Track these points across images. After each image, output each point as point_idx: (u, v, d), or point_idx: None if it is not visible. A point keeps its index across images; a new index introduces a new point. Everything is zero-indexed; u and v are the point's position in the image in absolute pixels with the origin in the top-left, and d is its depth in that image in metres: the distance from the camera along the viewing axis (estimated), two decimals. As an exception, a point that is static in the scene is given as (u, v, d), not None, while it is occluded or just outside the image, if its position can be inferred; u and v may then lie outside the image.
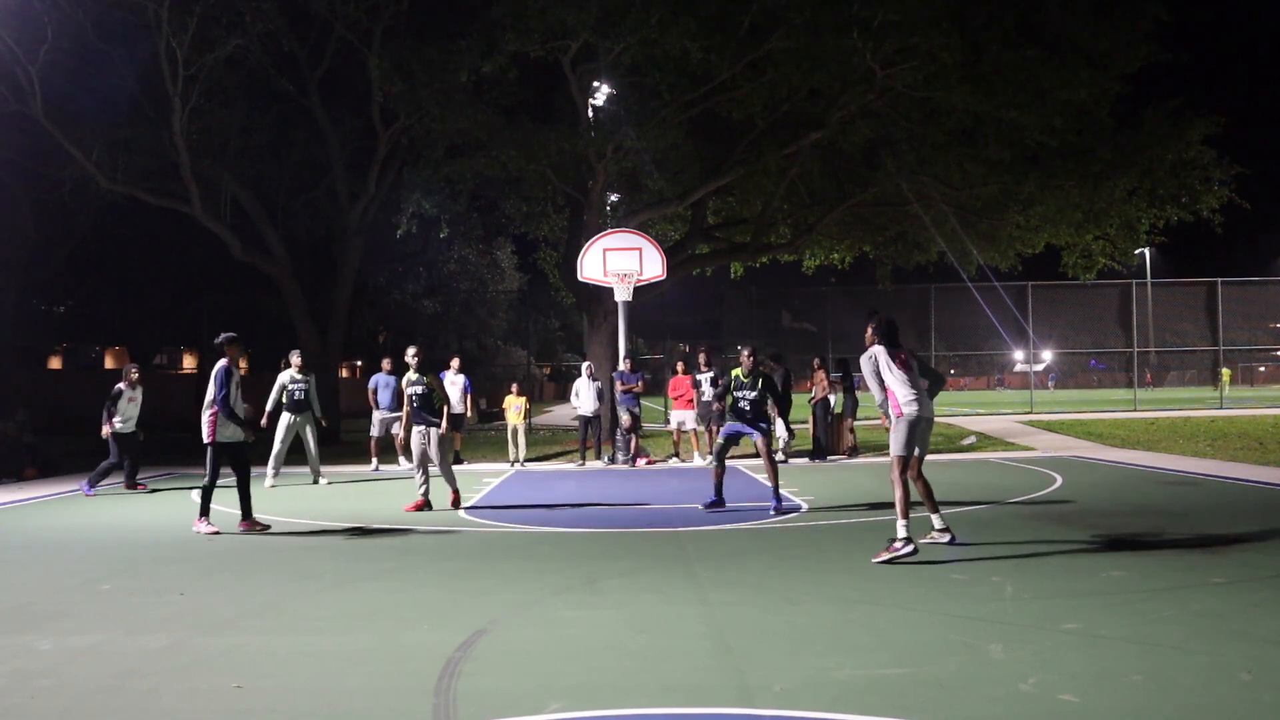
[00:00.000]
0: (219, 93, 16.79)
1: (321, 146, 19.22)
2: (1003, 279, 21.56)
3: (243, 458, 8.05)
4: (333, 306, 20.06)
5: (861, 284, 24.17)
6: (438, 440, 9.16)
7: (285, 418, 11.82)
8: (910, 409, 6.46)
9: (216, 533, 7.86)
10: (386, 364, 13.94)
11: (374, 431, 13.88)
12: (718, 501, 8.90)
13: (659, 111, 14.89)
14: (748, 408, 8.86)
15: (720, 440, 9.06)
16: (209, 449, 7.95)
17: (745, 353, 9.00)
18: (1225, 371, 40.56)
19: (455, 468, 13.90)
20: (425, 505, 9.22)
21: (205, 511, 7.98)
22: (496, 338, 44.70)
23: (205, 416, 7.91)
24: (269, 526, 8.17)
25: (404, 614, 5.11)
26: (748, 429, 8.87)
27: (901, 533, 6.21)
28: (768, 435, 8.90)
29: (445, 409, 9.25)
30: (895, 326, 6.74)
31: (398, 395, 13.25)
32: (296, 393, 11.85)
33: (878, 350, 6.59)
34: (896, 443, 6.52)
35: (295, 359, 12.12)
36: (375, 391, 13.82)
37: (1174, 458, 13.46)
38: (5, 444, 13.03)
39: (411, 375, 9.25)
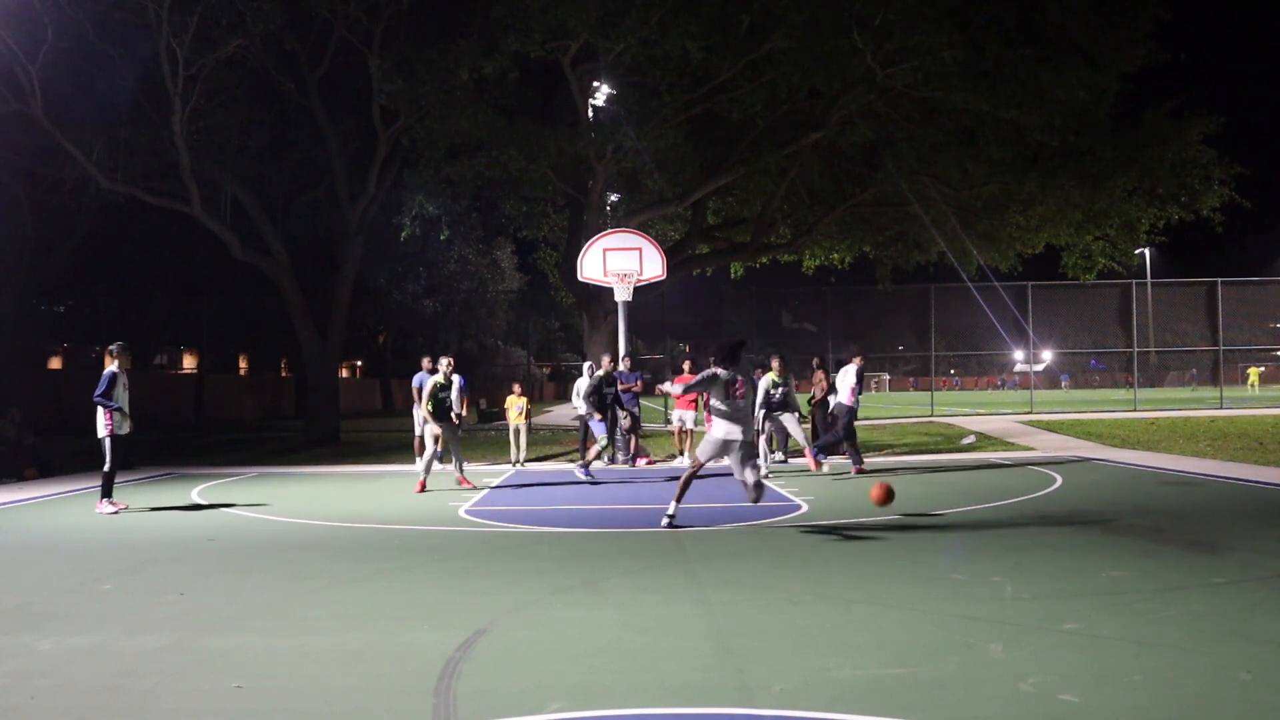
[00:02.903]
0: (219, 93, 16.78)
1: (321, 146, 19.21)
2: (1003, 279, 21.57)
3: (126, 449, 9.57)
4: (333, 306, 20.05)
5: (861, 284, 24.19)
6: (450, 432, 11.30)
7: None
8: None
9: (116, 511, 9.15)
10: (426, 362, 13.94)
11: (418, 430, 13.80)
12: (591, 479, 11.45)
13: (659, 111, 14.89)
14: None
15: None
16: (107, 440, 9.24)
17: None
18: (1254, 370, 40.43)
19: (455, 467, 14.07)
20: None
21: (106, 494, 9.28)
22: (496, 338, 44.73)
23: (100, 414, 9.23)
24: (127, 506, 9.53)
25: (404, 614, 5.11)
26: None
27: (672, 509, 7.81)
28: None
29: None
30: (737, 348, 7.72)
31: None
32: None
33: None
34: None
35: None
36: (420, 390, 13.77)
37: (1174, 458, 13.45)
38: (5, 444, 13.02)
39: (441, 380, 11.23)
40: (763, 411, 12.34)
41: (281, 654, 4.38)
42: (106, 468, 9.27)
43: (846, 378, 12.25)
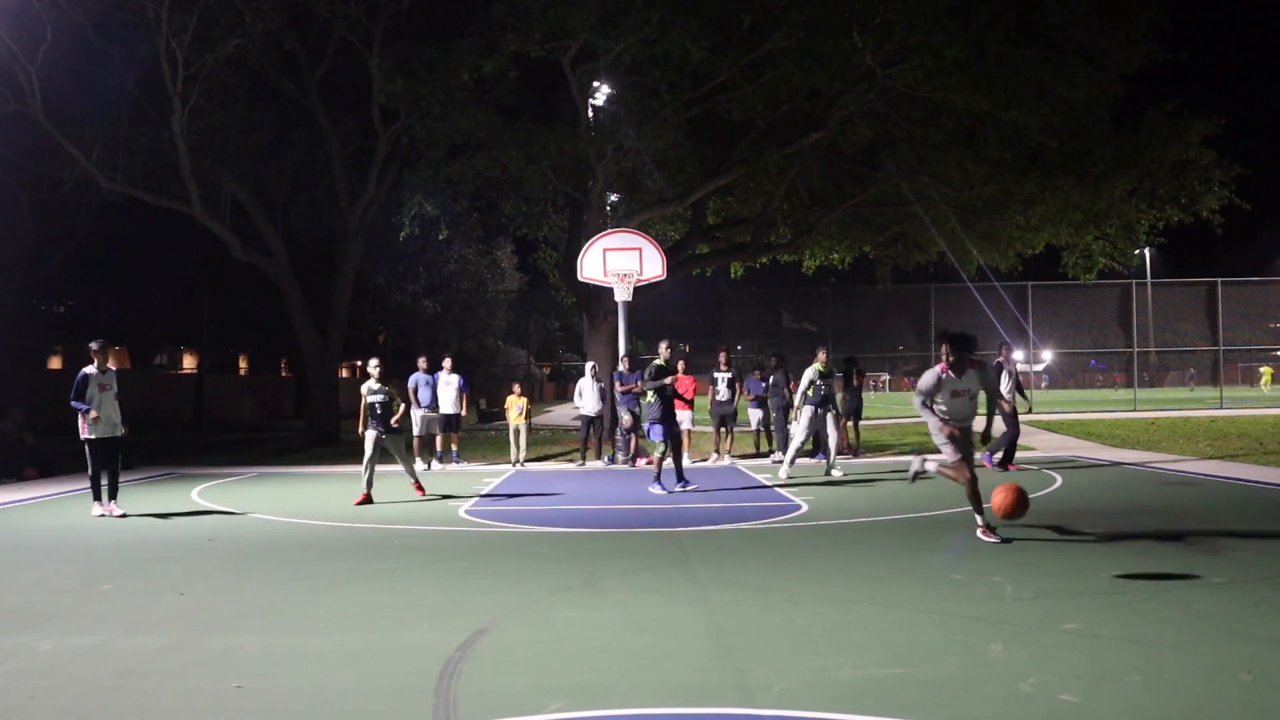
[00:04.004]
0: (219, 93, 16.77)
1: (321, 146, 19.21)
2: (1003, 279, 21.56)
3: (113, 452, 9.16)
4: (333, 306, 20.06)
5: (861, 284, 24.18)
6: (393, 441, 10.03)
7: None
8: None
9: (102, 514, 9.05)
10: (423, 363, 13.92)
11: (416, 430, 13.81)
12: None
13: (659, 111, 14.88)
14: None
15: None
16: (86, 445, 9.04)
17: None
18: (1267, 370, 40.32)
19: (457, 467, 14.08)
20: (368, 500, 9.83)
21: (97, 497, 9.18)
22: (496, 338, 44.71)
23: (79, 417, 9.02)
24: (125, 514, 9.16)
25: (404, 614, 5.11)
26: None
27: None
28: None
29: (400, 411, 10.18)
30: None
31: (434, 392, 14.00)
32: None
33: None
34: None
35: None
36: (415, 390, 13.80)
37: (1174, 458, 13.45)
38: (5, 444, 13.02)
39: (374, 385, 10.02)
40: (809, 405, 11.69)
41: (281, 654, 4.38)
42: (91, 471, 9.16)
43: (1001, 379, 11.99)
